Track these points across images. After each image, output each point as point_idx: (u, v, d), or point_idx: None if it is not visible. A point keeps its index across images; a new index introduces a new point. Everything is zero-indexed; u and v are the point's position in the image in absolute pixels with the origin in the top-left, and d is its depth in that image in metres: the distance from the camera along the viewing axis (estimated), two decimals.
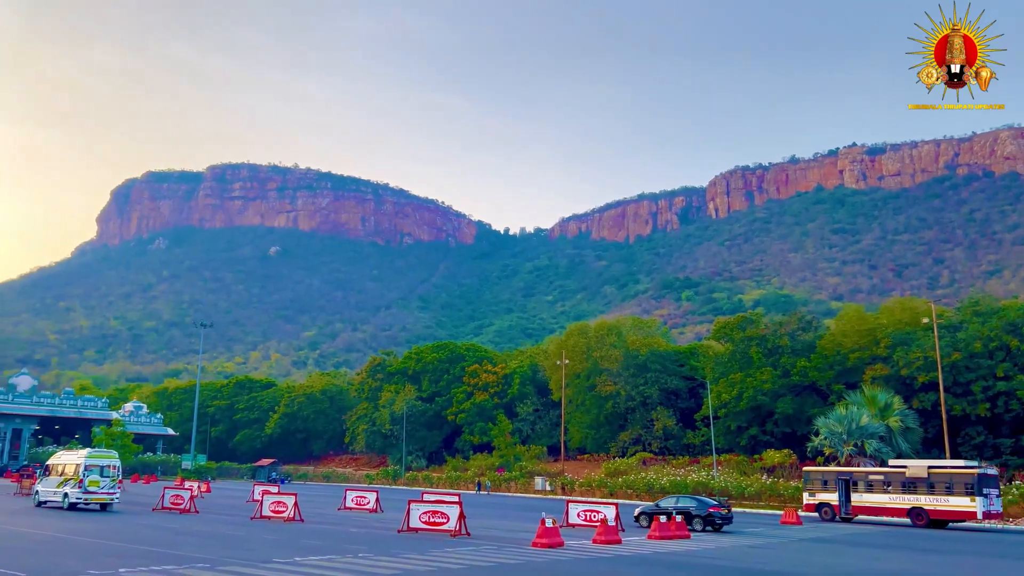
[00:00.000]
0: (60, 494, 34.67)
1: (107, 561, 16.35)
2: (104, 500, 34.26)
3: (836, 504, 39.45)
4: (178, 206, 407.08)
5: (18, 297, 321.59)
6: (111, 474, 34.72)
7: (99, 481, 34.00)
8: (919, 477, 36.94)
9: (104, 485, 34.14)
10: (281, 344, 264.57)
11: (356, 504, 37.97)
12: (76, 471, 34.28)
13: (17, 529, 23.93)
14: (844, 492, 39.50)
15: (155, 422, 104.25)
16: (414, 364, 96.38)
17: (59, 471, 35.76)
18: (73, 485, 34.12)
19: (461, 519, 25.14)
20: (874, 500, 38.37)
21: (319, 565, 16.68)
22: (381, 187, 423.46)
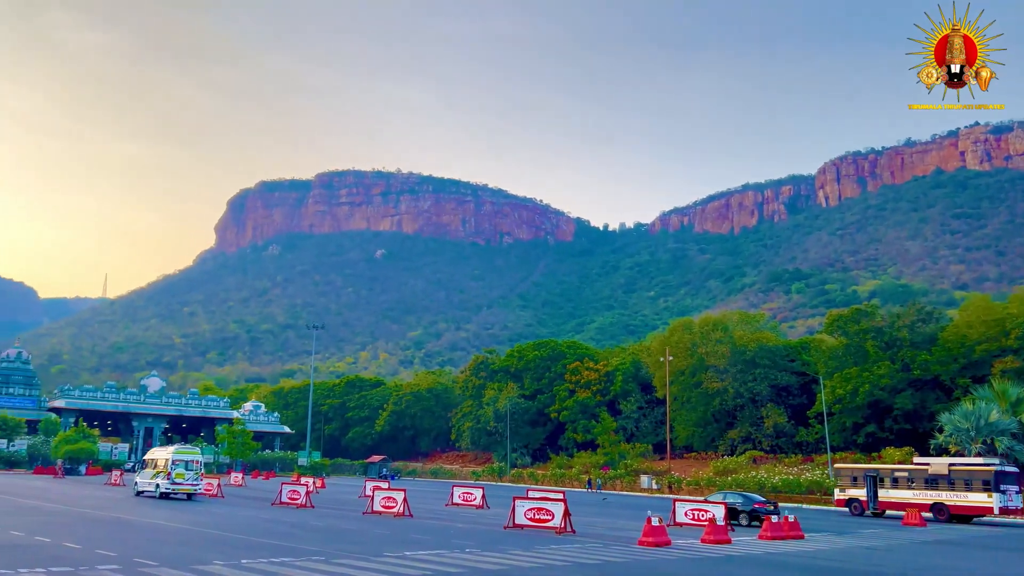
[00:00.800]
0: (153, 484, 38.77)
1: (231, 552, 17.25)
2: (189, 490, 38.15)
3: (864, 500, 40.91)
4: (289, 213, 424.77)
5: (147, 304, 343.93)
6: (194, 468, 38.63)
7: (184, 474, 37.96)
8: (941, 474, 38.41)
9: (188, 477, 38.06)
10: (388, 344, 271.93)
11: (463, 500, 38.59)
12: (166, 465, 38.41)
13: (149, 521, 25.57)
14: (872, 488, 40.84)
15: (272, 420, 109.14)
16: (516, 362, 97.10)
17: (153, 465, 40.08)
18: (163, 477, 38.15)
19: (566, 516, 25.14)
20: (899, 496, 39.57)
21: (428, 560, 17.05)
22: (480, 188, 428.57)
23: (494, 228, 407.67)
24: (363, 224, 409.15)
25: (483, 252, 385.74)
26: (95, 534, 20.40)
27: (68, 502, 33.21)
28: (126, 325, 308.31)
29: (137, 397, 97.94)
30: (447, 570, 15.51)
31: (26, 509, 28.46)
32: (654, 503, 43.00)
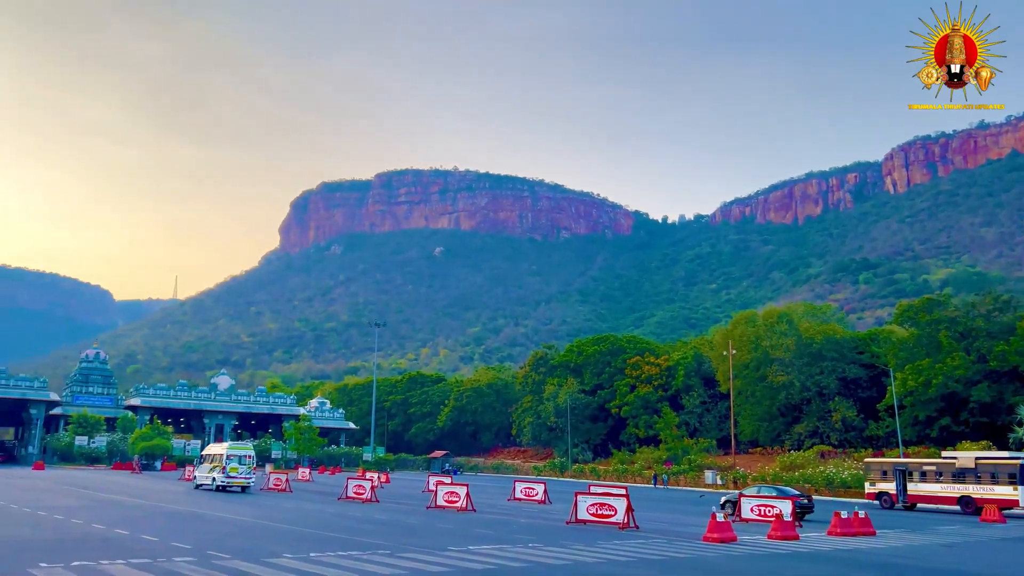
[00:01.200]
0: (210, 478, 41.25)
1: (299, 545, 17.66)
2: (242, 483, 40.42)
3: (894, 493, 41.53)
4: (350, 213, 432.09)
5: (216, 304, 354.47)
6: (247, 462, 41.16)
7: (237, 468, 40.38)
8: (968, 467, 38.98)
9: (241, 471, 40.46)
10: (448, 340, 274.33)
11: (525, 495, 38.69)
12: (221, 460, 41.08)
13: (221, 515, 26.36)
14: (901, 482, 41.49)
15: (337, 416, 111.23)
16: (575, 357, 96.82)
17: (210, 460, 42.98)
18: (218, 471, 40.65)
19: (629, 512, 24.98)
20: (927, 489, 40.42)
21: (491, 554, 17.14)
22: (536, 183, 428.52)
23: (551, 223, 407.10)
24: (422, 222, 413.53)
25: (540, 247, 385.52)
26: (170, 527, 21.14)
27: (145, 496, 34.49)
28: (196, 325, 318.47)
29: (208, 395, 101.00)
30: (511, 564, 15.57)
31: (106, 503, 29.65)
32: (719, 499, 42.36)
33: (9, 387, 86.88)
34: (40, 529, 19.54)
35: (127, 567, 13.47)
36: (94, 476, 55.58)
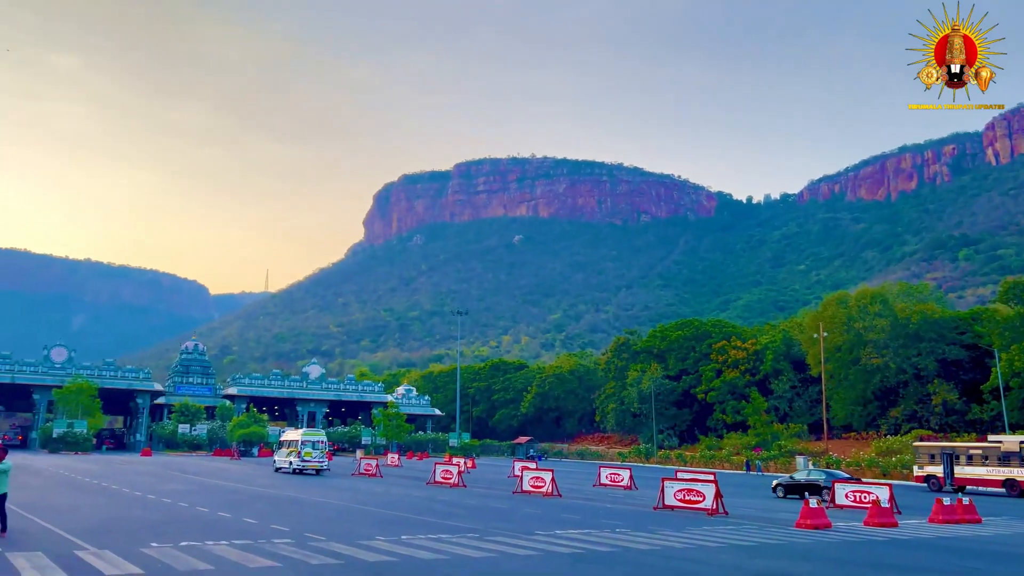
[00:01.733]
0: (287, 462, 44.31)
1: (391, 528, 18.13)
2: (316, 466, 43.16)
3: (941, 476, 42.22)
4: (431, 204, 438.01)
5: (305, 296, 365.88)
6: (320, 447, 44.26)
7: (311, 452, 43.34)
8: (1012, 451, 39.67)
9: (315, 456, 43.38)
10: (529, 327, 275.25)
11: (610, 481, 38.58)
12: (296, 445, 44.25)
13: (317, 499, 27.28)
14: (948, 465, 42.26)
15: (423, 403, 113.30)
16: (659, 342, 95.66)
17: (287, 445, 46.22)
18: (295, 456, 43.68)
19: (717, 498, 24.60)
20: (973, 472, 40.91)
21: (578, 538, 17.19)
22: (616, 167, 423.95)
23: (631, 207, 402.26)
24: (500, 211, 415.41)
25: (620, 232, 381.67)
26: (269, 510, 22.03)
27: (244, 481, 36.02)
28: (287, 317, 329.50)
29: (300, 384, 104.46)
30: (598, 549, 15.58)
31: (209, 487, 31.12)
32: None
33: (118, 378, 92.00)
34: (150, 511, 20.68)
35: (230, 547, 14.12)
36: (196, 462, 58.38)
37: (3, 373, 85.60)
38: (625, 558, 14.53)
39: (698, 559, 14.71)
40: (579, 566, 13.38)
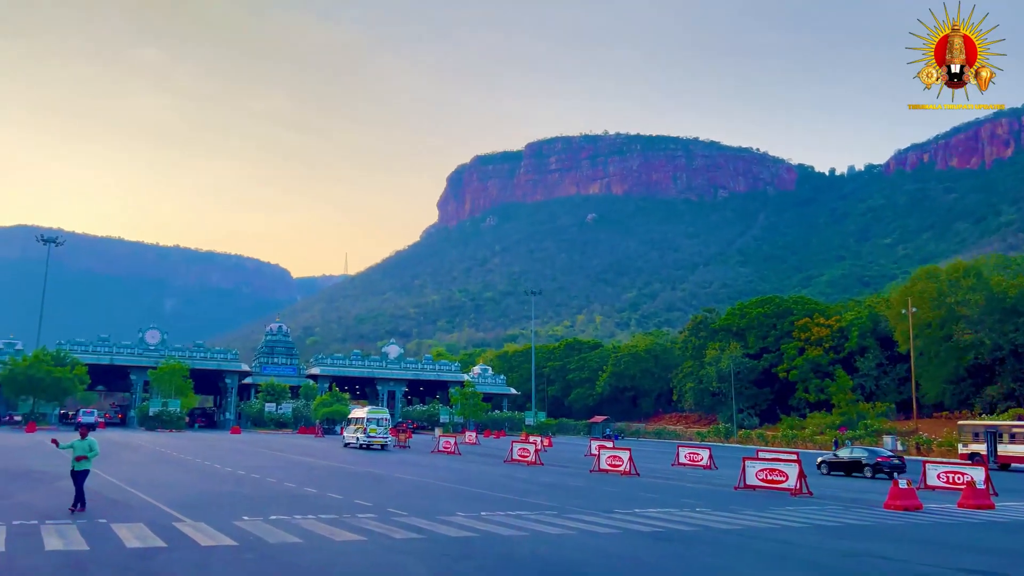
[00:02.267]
0: (355, 438, 47.39)
1: (471, 504, 18.39)
2: (381, 442, 46.03)
3: (984, 454, 42.41)
4: (503, 184, 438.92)
5: (382, 278, 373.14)
6: (384, 424, 47.35)
7: (376, 429, 46.27)
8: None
9: (379, 432, 46.33)
10: (603, 307, 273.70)
11: (689, 461, 38.15)
12: (362, 422, 47.06)
13: (397, 476, 27.90)
14: (992, 443, 42.94)
15: (499, 383, 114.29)
16: (738, 320, 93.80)
17: (354, 422, 49.13)
18: (361, 432, 46.59)
19: (801, 478, 24.01)
20: (1016, 450, 41.81)
21: (658, 516, 17.07)
22: (691, 142, 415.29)
23: (708, 182, 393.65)
24: (573, 189, 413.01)
25: (696, 208, 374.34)
26: (352, 486, 22.65)
27: (328, 458, 37.13)
28: (366, 298, 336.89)
29: (379, 364, 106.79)
30: (678, 528, 15.43)
31: (295, 464, 32.22)
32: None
33: (207, 359, 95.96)
34: (241, 486, 21.54)
35: (317, 521, 14.58)
36: (282, 439, 60.48)
37: (103, 355, 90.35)
38: (706, 537, 14.36)
39: (782, 539, 14.41)
40: (660, 545, 13.29)
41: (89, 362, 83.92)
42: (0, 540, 11.42)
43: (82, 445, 15.15)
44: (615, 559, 11.75)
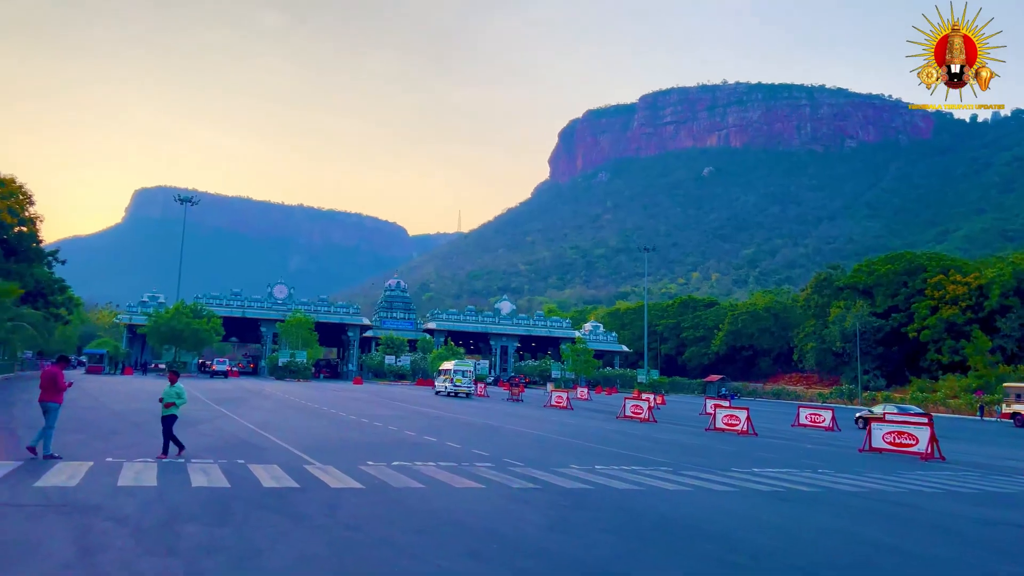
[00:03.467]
0: (444, 388, 53.91)
1: (584, 458, 18.55)
2: (466, 391, 52.56)
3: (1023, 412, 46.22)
4: (616, 139, 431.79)
5: (494, 235, 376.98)
6: (468, 376, 54.16)
7: (461, 379, 52.77)
8: None
9: (464, 383, 52.69)
10: (720, 264, 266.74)
11: (810, 421, 37.00)
12: (450, 373, 53.77)
13: (511, 428, 28.45)
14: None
15: (610, 340, 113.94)
16: (865, 277, 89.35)
17: (444, 374, 55.85)
18: (449, 382, 53.22)
19: (933, 441, 22.82)
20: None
21: (777, 476, 16.68)
22: (816, 90, 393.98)
23: (834, 132, 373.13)
24: (688, 142, 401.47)
25: (821, 160, 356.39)
26: (469, 436, 23.29)
27: (444, 409, 38.27)
28: (478, 256, 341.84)
29: (492, 319, 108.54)
30: (800, 488, 15.03)
31: (414, 413, 33.40)
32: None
33: (331, 313, 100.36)
34: (365, 433, 22.56)
35: (437, 468, 15.10)
36: (401, 390, 62.77)
37: (235, 308, 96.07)
38: (829, 499, 13.92)
39: (911, 504, 13.79)
40: (780, 504, 12.99)
41: (223, 315, 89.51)
42: (152, 476, 12.45)
43: (170, 392, 15.20)
44: (733, 517, 11.59)
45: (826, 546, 9.79)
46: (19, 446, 15.71)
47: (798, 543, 9.84)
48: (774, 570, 8.38)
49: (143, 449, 15.99)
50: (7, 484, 11.12)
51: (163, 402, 15.17)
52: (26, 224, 62.42)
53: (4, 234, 59.30)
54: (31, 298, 59.14)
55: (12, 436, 17.61)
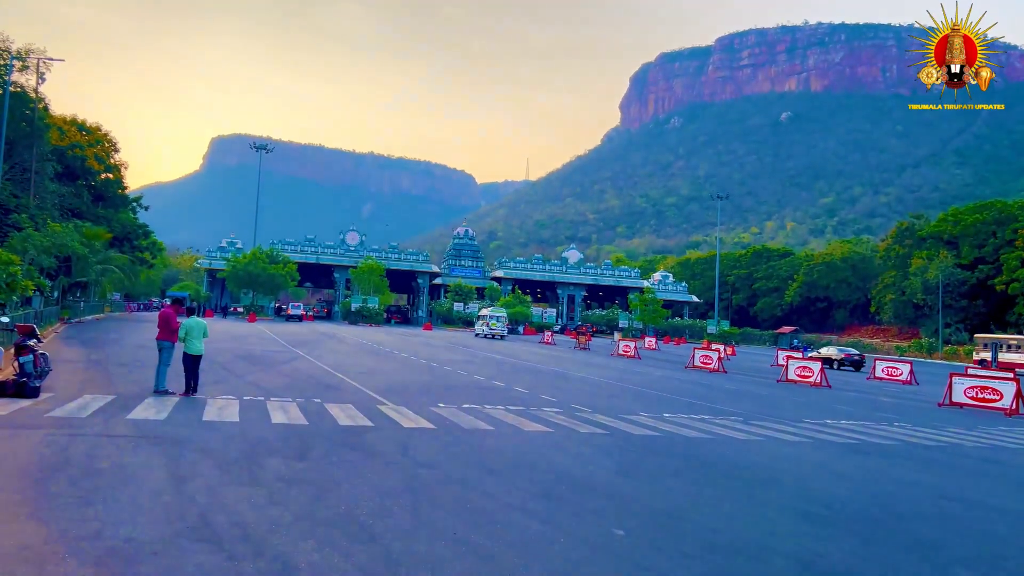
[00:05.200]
0: (481, 330, 62.44)
1: (652, 406, 18.52)
2: (499, 334, 61.00)
3: (989, 361, 51.92)
4: (690, 83, 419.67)
5: (563, 184, 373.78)
6: (501, 320, 63.18)
7: (496, 324, 61.73)
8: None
9: (497, 327, 61.53)
10: (796, 212, 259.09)
11: (887, 375, 36.01)
12: (486, 318, 63.20)
13: (579, 375, 28.55)
14: (994, 352, 53.12)
15: (680, 290, 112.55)
16: (950, 227, 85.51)
17: (482, 319, 64.28)
18: (484, 326, 62.13)
19: (1018, 397, 21.95)
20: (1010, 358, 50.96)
21: (852, 428, 16.35)
22: (906, 28, 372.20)
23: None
24: (766, 86, 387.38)
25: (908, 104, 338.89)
26: (537, 382, 23.50)
27: (512, 356, 38.65)
28: (546, 204, 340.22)
29: (560, 268, 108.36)
30: (875, 441, 14.70)
31: (484, 360, 33.84)
32: None
33: (401, 260, 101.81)
34: (435, 377, 23.00)
35: (505, 411, 15.31)
36: (470, 337, 63.64)
37: (309, 254, 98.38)
38: (906, 452, 13.57)
39: (992, 459, 13.34)
40: (854, 456, 12.74)
41: (298, 260, 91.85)
42: (235, 412, 12.99)
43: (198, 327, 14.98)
44: (806, 466, 11.43)
45: (904, 498, 9.57)
46: (111, 381, 16.59)
47: (875, 495, 9.65)
48: (849, 520, 8.25)
49: (226, 387, 16.68)
50: (102, 415, 11.78)
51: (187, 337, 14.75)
52: (112, 171, 64.89)
53: (92, 180, 61.82)
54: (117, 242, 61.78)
55: (105, 371, 18.60)
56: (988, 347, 54.57)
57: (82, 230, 48.46)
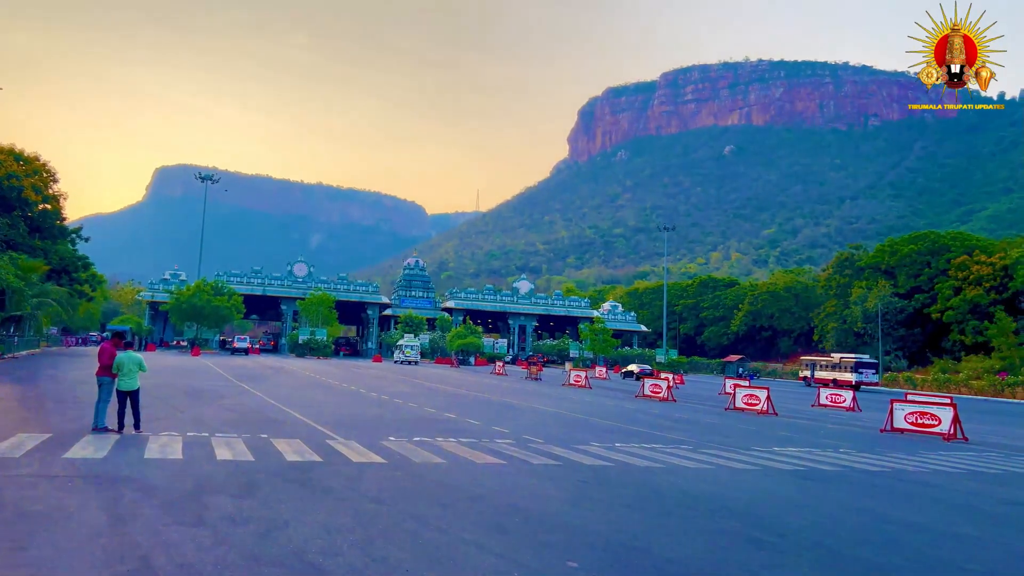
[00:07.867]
0: (398, 358, 73.12)
1: (605, 436, 18.57)
2: (413, 360, 72.03)
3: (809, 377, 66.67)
4: (636, 117, 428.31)
5: (513, 215, 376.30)
6: (414, 349, 73.83)
7: (410, 352, 73.03)
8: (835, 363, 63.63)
9: (412, 355, 72.88)
10: (740, 243, 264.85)
11: (831, 402, 36.81)
12: (402, 347, 73.44)
13: (530, 405, 28.51)
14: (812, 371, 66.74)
15: (629, 319, 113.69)
16: (887, 257, 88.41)
17: (399, 348, 74.57)
18: (401, 353, 72.81)
19: (956, 422, 22.64)
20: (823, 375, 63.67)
21: (798, 455, 16.63)
22: (840, 67, 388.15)
23: (857, 110, 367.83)
24: (710, 120, 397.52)
25: (845, 138, 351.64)
26: (489, 413, 23.38)
27: (464, 387, 38.44)
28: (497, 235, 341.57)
29: (511, 298, 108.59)
30: (821, 467, 14.98)
31: (433, 391, 33.57)
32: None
33: (350, 291, 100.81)
34: (385, 409, 22.71)
35: (458, 444, 15.18)
36: (421, 368, 63.08)
37: (256, 286, 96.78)
38: (851, 478, 13.85)
39: (933, 483, 13.69)
40: (801, 482, 12.95)
41: (244, 292, 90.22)
42: (179, 449, 12.61)
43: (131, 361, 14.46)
44: (754, 493, 11.57)
45: (851, 524, 9.75)
46: (47, 419, 15.97)
47: (823, 521, 9.80)
48: (800, 547, 8.36)
49: (169, 424, 16.20)
50: (38, 455, 11.31)
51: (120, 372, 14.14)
52: (50, 201, 63.08)
53: (29, 211, 59.99)
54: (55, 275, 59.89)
55: (40, 408, 17.89)
56: (809, 367, 67.77)
57: (17, 262, 46.88)
